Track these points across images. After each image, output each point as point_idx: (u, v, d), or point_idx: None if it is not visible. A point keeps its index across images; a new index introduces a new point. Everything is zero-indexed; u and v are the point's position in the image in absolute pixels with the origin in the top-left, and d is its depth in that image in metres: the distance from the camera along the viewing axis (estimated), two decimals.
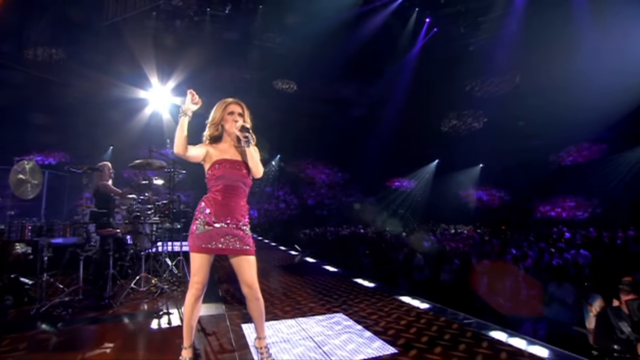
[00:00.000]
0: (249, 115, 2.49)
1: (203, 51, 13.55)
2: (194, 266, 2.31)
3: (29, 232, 3.71)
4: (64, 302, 3.72)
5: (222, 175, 2.35)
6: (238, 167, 2.39)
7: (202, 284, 2.32)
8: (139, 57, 12.22)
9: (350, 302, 4.20)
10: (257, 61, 16.76)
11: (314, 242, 11.53)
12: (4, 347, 2.84)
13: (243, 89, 17.69)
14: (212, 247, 2.29)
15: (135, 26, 11.49)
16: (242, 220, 2.37)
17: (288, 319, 3.59)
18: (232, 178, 2.36)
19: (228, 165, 2.37)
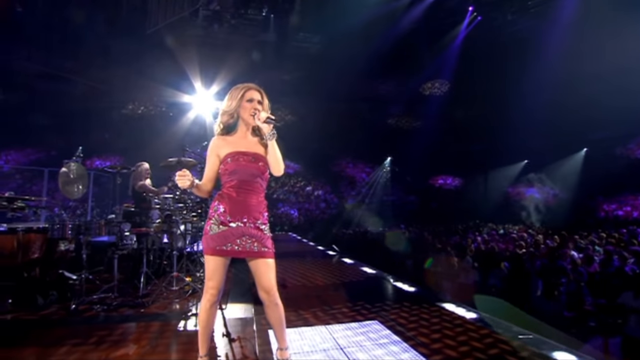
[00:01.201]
0: (268, 103, 2.19)
1: (242, 54, 13.70)
2: (208, 269, 2.06)
3: (69, 231, 3.76)
4: (100, 298, 3.72)
5: (236, 169, 2.08)
6: (253, 159, 2.10)
7: (218, 289, 2.06)
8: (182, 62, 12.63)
9: (387, 308, 3.81)
10: (295, 62, 16.67)
11: (353, 242, 11.17)
12: (41, 341, 2.84)
13: (282, 91, 17.74)
14: (227, 249, 2.03)
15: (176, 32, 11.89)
16: (260, 218, 2.09)
17: (319, 324, 3.29)
18: (247, 172, 2.08)
19: (242, 159, 2.09)
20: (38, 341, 2.88)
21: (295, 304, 3.94)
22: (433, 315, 3.53)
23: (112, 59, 12.02)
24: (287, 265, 6.64)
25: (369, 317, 3.51)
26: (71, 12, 10.84)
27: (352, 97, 18.22)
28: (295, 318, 3.47)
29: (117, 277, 3.84)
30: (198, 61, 13.62)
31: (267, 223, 2.15)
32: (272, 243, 2.14)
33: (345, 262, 6.94)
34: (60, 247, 3.96)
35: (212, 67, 14.37)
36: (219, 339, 2.95)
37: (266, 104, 2.17)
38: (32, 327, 3.23)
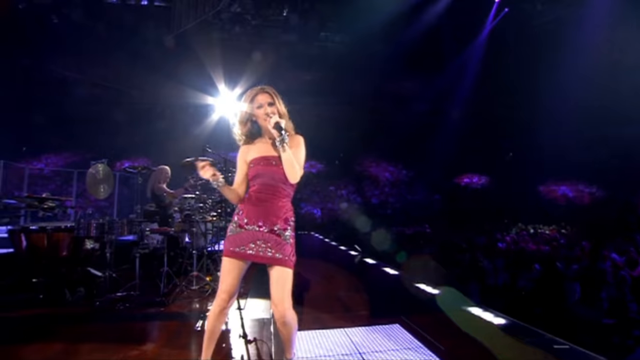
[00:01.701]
0: (281, 102, 2.07)
1: (264, 56, 13.77)
2: (222, 272, 1.99)
3: (94, 230, 3.83)
4: (123, 296, 3.76)
5: (257, 174, 2.02)
6: (274, 163, 2.00)
7: (228, 293, 1.97)
8: (206, 65, 12.86)
9: (409, 310, 3.63)
10: (318, 62, 16.59)
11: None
12: (67, 336, 2.90)
13: (305, 91, 17.71)
14: (241, 251, 1.95)
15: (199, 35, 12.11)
16: (277, 222, 1.98)
17: (336, 328, 3.16)
18: (267, 175, 2.00)
19: (263, 163, 2.02)
20: (64, 336, 2.94)
21: (314, 306, 3.83)
22: (458, 319, 3.33)
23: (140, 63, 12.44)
24: (308, 265, 6.55)
25: (391, 320, 3.35)
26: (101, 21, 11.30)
27: (376, 95, 17.95)
28: (313, 321, 3.36)
29: (138, 276, 3.87)
30: (221, 63, 13.83)
31: (289, 228, 2.01)
32: (291, 250, 1.99)
33: (368, 263, 6.77)
34: (86, 246, 4.04)
35: (235, 69, 14.55)
36: (235, 339, 2.89)
37: (279, 104, 2.06)
38: (60, 322, 3.30)
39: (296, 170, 1.96)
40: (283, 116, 2.03)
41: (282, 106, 2.07)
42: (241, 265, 1.99)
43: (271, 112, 1.99)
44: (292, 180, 1.98)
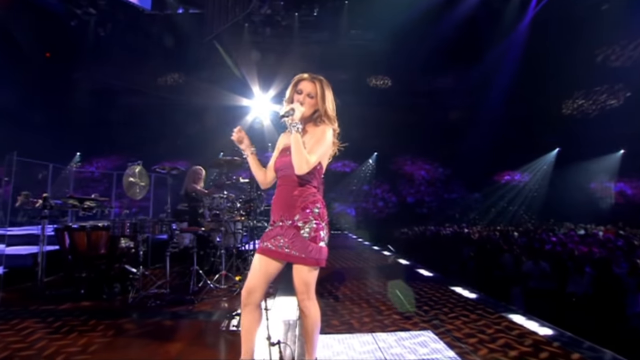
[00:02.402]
0: (328, 97, 1.95)
1: (296, 57, 13.81)
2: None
3: (127, 229, 3.93)
4: (154, 294, 3.83)
5: (278, 167, 1.96)
6: (288, 153, 1.89)
7: (247, 290, 1.86)
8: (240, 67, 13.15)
9: (443, 316, 3.37)
10: (350, 60, 16.37)
11: (411, 242, 10.57)
12: (99, 330, 2.98)
13: (340, 90, 17.50)
14: (263, 246, 1.87)
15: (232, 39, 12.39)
16: (297, 214, 1.83)
17: (364, 332, 2.99)
18: (284, 167, 1.92)
19: (281, 155, 1.97)
20: (100, 330, 3.00)
21: (342, 309, 3.68)
22: (497, 327, 3.03)
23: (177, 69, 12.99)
24: (339, 266, 6.40)
25: (422, 326, 3.12)
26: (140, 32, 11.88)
27: (410, 92, 17.44)
28: (339, 323, 3.22)
29: (169, 274, 3.92)
30: (255, 66, 14.08)
31: (311, 219, 1.84)
32: (311, 246, 1.82)
33: (401, 263, 6.49)
34: (121, 244, 4.16)
35: (268, 71, 14.76)
36: (259, 341, 2.80)
37: (323, 98, 1.93)
38: (97, 316, 3.38)
39: (301, 159, 1.78)
40: (323, 114, 1.93)
41: (328, 104, 1.94)
42: (267, 262, 1.87)
43: (301, 102, 1.89)
44: (297, 170, 1.81)
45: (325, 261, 1.92)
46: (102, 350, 2.59)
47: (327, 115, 1.94)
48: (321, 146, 1.89)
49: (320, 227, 1.88)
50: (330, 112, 1.95)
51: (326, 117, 1.94)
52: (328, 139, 1.93)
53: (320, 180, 2.03)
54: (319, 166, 1.96)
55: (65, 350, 2.55)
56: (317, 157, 1.87)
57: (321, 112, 1.94)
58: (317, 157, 1.87)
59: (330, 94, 1.97)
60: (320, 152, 1.89)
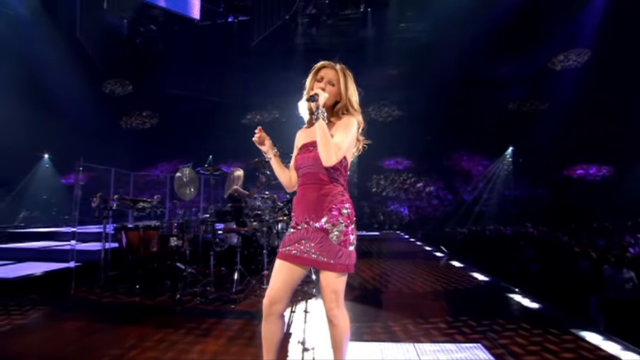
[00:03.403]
0: (351, 86, 1.78)
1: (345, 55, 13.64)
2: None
3: (175, 228, 4.08)
4: (199, 291, 3.92)
5: (298, 164, 1.79)
6: (311, 148, 1.74)
7: (270, 299, 1.71)
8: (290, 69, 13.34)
9: (499, 328, 2.98)
10: (400, 55, 15.82)
11: (467, 243, 9.83)
12: (147, 324, 3.12)
13: (391, 86, 17.14)
14: (285, 251, 1.72)
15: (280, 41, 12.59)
16: (325, 215, 1.68)
17: (406, 342, 2.74)
18: (306, 163, 1.75)
19: (302, 151, 1.80)
20: (150, 323, 3.15)
21: (384, 313, 3.45)
22: (565, 346, 2.59)
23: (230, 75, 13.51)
24: (386, 267, 6.11)
25: (472, 337, 2.78)
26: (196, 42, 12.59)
27: (466, 83, 16.36)
28: (381, 330, 2.99)
29: (213, 273, 4.00)
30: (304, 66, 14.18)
31: (341, 222, 1.68)
32: (341, 251, 1.66)
33: (454, 266, 6.01)
34: (171, 243, 4.33)
35: None
36: (294, 345, 2.70)
37: (346, 86, 1.77)
38: (148, 311, 3.57)
39: (329, 150, 1.61)
40: (346, 103, 1.77)
41: (350, 92, 1.78)
42: (291, 269, 1.70)
43: (322, 89, 1.72)
44: (325, 162, 1.63)
45: (354, 267, 1.73)
46: (149, 340, 2.68)
47: (351, 105, 1.77)
48: (347, 136, 1.70)
49: (350, 230, 1.72)
50: (354, 102, 1.78)
51: (350, 107, 1.77)
52: (353, 130, 1.74)
53: (346, 178, 1.84)
54: (345, 161, 1.77)
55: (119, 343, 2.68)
56: (345, 148, 1.68)
57: (344, 102, 1.77)
58: (345, 148, 1.68)
59: (353, 83, 1.79)
60: (347, 143, 1.70)
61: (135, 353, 2.54)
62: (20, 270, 4.57)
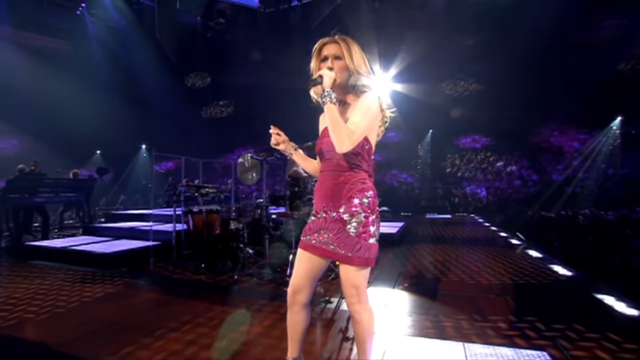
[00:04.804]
0: (357, 54, 1.61)
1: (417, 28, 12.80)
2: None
3: (233, 212, 4.28)
4: (255, 273, 4.09)
5: (319, 150, 1.68)
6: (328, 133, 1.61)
7: (293, 288, 1.67)
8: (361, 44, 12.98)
9: (575, 336, 2.52)
10: (478, 22, 14.22)
11: (553, 229, 8.63)
12: (208, 300, 3.32)
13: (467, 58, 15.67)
14: (306, 240, 1.65)
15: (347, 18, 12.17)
16: (343, 204, 1.57)
17: (456, 339, 2.48)
18: (325, 149, 1.65)
19: (322, 135, 1.69)
20: (209, 300, 3.39)
21: (437, 306, 3.18)
22: None
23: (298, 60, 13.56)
24: (450, 253, 5.67)
25: (536, 343, 2.39)
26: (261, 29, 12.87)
27: (558, 47, 14.08)
28: (431, 325, 2.77)
29: (267, 255, 4.12)
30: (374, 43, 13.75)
31: (360, 211, 1.56)
32: (356, 244, 1.54)
33: (530, 256, 5.31)
34: (231, 226, 4.57)
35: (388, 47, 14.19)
36: (335, 334, 2.65)
37: (350, 59, 1.60)
38: (210, 288, 3.85)
39: (341, 135, 1.46)
40: (357, 74, 1.60)
41: (358, 61, 1.61)
42: (310, 259, 1.64)
43: (332, 68, 1.59)
44: (338, 148, 1.50)
45: (375, 260, 1.60)
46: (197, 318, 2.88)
47: (362, 76, 1.61)
48: (364, 118, 1.53)
49: (370, 220, 1.58)
50: (364, 71, 1.61)
51: (363, 79, 1.61)
52: (373, 109, 1.57)
53: (371, 163, 1.68)
54: (367, 144, 1.61)
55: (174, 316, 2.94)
56: (361, 130, 1.52)
57: (354, 74, 1.60)
58: (361, 130, 1.52)
59: (358, 50, 1.62)
60: (364, 125, 1.53)
61: (188, 327, 2.75)
62: (115, 246, 5.30)
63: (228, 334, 2.64)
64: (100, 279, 4.21)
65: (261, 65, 15.03)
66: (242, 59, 14.94)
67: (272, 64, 14.52)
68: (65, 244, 5.55)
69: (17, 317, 3.03)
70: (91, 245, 5.40)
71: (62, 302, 3.43)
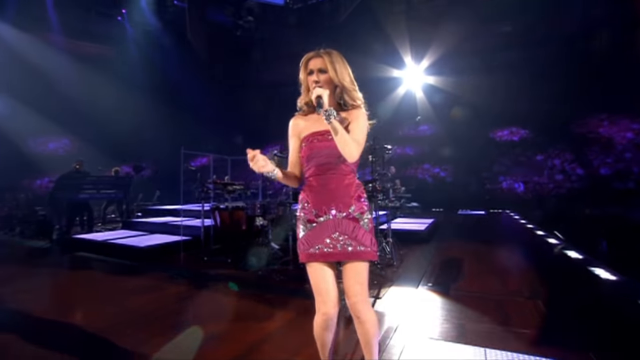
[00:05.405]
0: (341, 68, 1.66)
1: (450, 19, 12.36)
2: (313, 281, 1.65)
3: (258, 209, 4.37)
4: (279, 269, 4.16)
5: (311, 153, 1.68)
6: (330, 137, 1.62)
7: (333, 302, 1.61)
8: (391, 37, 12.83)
9: (612, 347, 2.34)
10: (513, 7, 13.45)
11: (599, 228, 8.03)
12: (231, 294, 3.49)
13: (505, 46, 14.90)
14: (316, 252, 1.62)
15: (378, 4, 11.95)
16: (352, 204, 1.64)
17: (477, 344, 2.39)
18: (323, 153, 1.65)
19: (316, 140, 1.68)
20: (226, 295, 3.53)
21: (461, 308, 3.07)
22: None
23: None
24: (482, 252, 5.45)
25: (567, 355, 2.24)
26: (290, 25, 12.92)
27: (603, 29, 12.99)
28: (451, 327, 2.69)
29: (292, 252, 4.17)
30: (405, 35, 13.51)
31: (366, 209, 1.67)
32: (372, 238, 1.63)
33: (569, 257, 4.98)
34: (256, 222, 4.67)
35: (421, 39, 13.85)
36: (352, 333, 2.63)
37: (334, 71, 1.64)
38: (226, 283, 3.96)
39: (351, 148, 1.55)
40: (342, 88, 1.67)
41: (343, 74, 1.66)
42: (328, 267, 1.63)
43: (317, 81, 1.64)
44: (349, 159, 1.58)
45: None
46: (217, 314, 2.98)
47: (346, 88, 1.67)
48: (362, 131, 1.66)
49: (371, 217, 1.72)
50: (347, 83, 1.67)
51: (347, 89, 1.68)
52: (365, 122, 1.69)
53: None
54: None
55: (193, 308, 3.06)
56: (363, 143, 1.64)
57: (340, 86, 1.66)
58: (363, 143, 1.64)
59: (342, 62, 1.68)
60: (363, 137, 1.65)
61: (206, 323, 2.84)
62: (149, 240, 5.60)
63: (250, 328, 2.71)
64: (135, 271, 4.47)
65: (291, 62, 15.14)
66: (272, 56, 15.10)
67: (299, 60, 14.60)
68: (105, 238, 5.95)
69: (64, 303, 3.30)
70: (128, 239, 5.74)
71: (101, 291, 3.69)
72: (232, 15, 12.70)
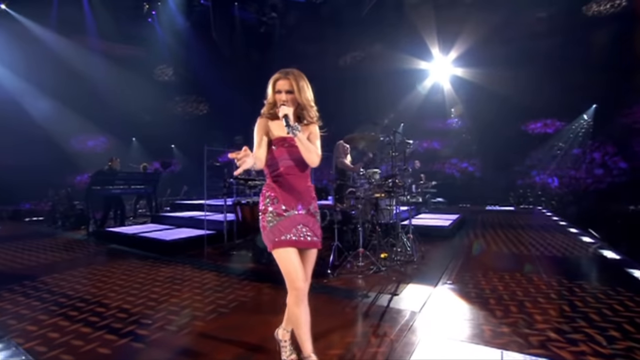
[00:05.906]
0: (306, 89, 1.93)
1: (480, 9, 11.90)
2: (284, 264, 1.86)
3: None
4: None
5: (282, 155, 1.94)
6: (296, 145, 1.92)
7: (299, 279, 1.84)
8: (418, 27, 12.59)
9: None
10: None
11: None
12: (249, 288, 3.51)
13: (539, 35, 14.12)
14: (285, 239, 1.88)
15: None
16: (312, 203, 2.00)
17: (495, 346, 2.31)
18: (294, 157, 1.93)
19: (287, 144, 1.94)
20: (241, 289, 3.60)
21: (481, 309, 2.98)
22: None
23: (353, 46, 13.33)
24: (504, 250, 5.24)
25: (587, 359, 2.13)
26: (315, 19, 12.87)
27: None
28: (468, 327, 2.62)
29: None
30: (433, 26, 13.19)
31: (318, 210, 2.07)
32: (322, 232, 2.04)
33: (604, 257, 4.69)
34: None
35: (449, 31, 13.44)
36: (365, 330, 2.64)
37: (300, 91, 1.91)
38: (253, 276, 4.06)
39: (314, 156, 1.88)
40: (304, 106, 1.95)
41: (305, 95, 1.93)
42: (296, 251, 1.89)
43: (284, 100, 1.90)
44: (312, 165, 1.92)
45: None
46: (229, 307, 3.07)
47: (308, 104, 1.95)
48: (319, 145, 1.99)
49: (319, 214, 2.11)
50: (310, 103, 1.96)
51: (308, 107, 1.96)
52: (319, 138, 2.01)
53: None
54: None
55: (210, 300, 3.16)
56: (320, 151, 1.95)
57: (302, 104, 1.94)
58: (320, 151, 1.95)
59: (305, 83, 1.94)
60: (319, 148, 1.97)
61: (215, 316, 2.92)
62: (175, 234, 5.83)
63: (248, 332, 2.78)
64: (161, 264, 4.67)
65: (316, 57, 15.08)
66: (296, 51, 15.13)
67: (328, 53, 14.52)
68: (135, 231, 6.25)
69: (103, 287, 3.52)
70: (156, 233, 6.00)
71: (130, 281, 3.89)
72: (256, 12, 12.82)
